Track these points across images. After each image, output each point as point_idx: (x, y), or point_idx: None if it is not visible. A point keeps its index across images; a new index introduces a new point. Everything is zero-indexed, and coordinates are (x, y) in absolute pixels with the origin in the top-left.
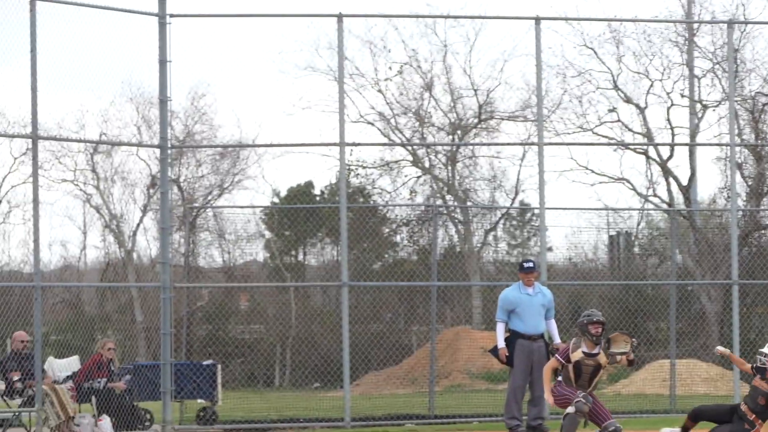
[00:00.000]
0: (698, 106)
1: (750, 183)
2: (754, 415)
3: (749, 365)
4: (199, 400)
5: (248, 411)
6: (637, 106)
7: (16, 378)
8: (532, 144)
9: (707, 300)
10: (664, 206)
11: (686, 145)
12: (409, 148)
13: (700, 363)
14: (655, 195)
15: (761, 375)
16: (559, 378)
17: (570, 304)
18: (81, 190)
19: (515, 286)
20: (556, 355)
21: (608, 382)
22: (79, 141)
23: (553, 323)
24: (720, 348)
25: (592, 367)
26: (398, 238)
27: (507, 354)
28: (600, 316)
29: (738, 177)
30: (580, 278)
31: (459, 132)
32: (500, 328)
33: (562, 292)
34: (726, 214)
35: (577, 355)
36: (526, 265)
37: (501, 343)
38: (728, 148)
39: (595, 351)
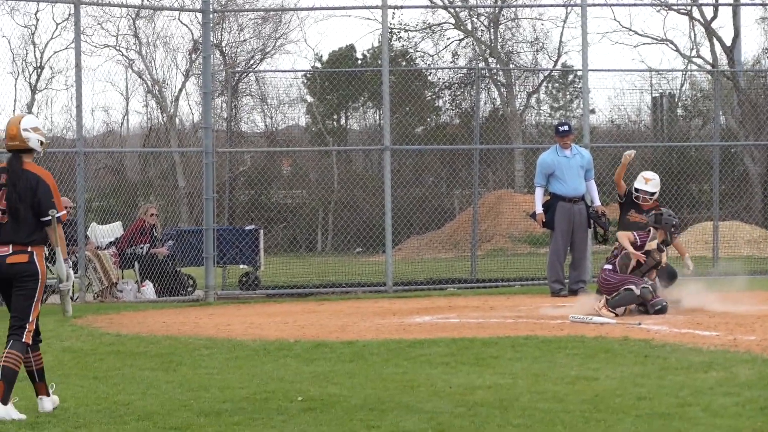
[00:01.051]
0: None
1: None
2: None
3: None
4: (241, 266)
5: (290, 276)
6: None
7: None
8: (575, 5)
9: (751, 162)
10: (708, 67)
11: (730, 5)
12: (452, 10)
13: (744, 225)
14: (698, 56)
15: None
16: (608, 267)
17: (613, 166)
18: (123, 55)
19: (553, 149)
20: (636, 235)
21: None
22: (121, 6)
23: (593, 184)
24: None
25: (654, 262)
26: (440, 101)
27: (544, 219)
28: (676, 218)
29: None
30: (623, 140)
31: None
32: (539, 192)
33: (604, 154)
34: None
35: (652, 246)
36: (561, 128)
37: (539, 209)
38: None
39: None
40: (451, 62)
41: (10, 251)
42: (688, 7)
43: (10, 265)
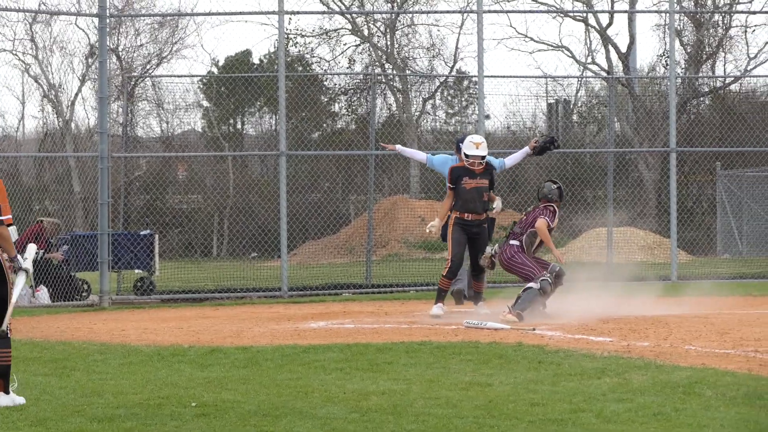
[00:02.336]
0: None
1: (689, 50)
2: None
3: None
4: (136, 271)
5: (185, 281)
6: None
7: None
8: (471, 12)
9: (645, 168)
10: (603, 74)
11: (625, 12)
12: (348, 16)
13: (637, 231)
14: (594, 62)
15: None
16: (514, 243)
17: (507, 172)
18: (20, 59)
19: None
20: (547, 219)
21: (545, 249)
22: (18, 10)
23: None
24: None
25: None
26: (337, 107)
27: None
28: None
29: (677, 44)
30: (518, 146)
31: (398, 0)
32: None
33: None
34: (664, 82)
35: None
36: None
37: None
38: (667, 14)
39: None
40: (347, 68)
41: None
42: (584, 14)
43: None
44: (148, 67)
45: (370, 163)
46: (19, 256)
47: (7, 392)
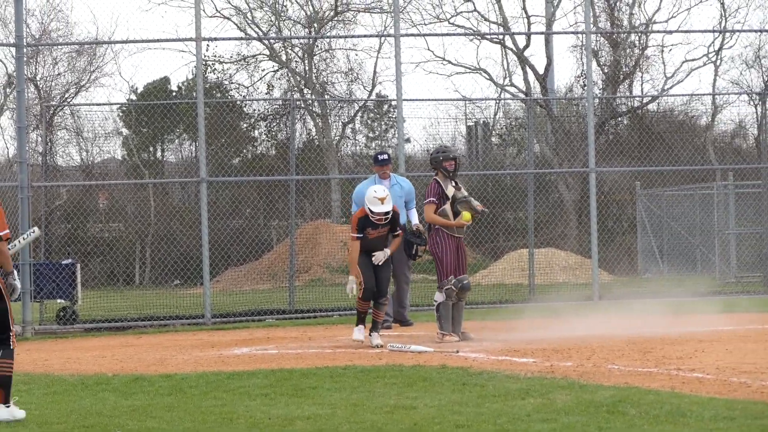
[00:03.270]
0: None
1: (606, 71)
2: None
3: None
4: (58, 300)
5: (108, 310)
6: None
7: None
8: (389, 36)
9: (565, 188)
10: (521, 95)
11: (542, 33)
12: (266, 42)
13: (559, 252)
14: (512, 84)
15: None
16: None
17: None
18: None
19: (370, 180)
20: (430, 198)
21: (468, 271)
22: None
23: (414, 213)
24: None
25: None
26: (256, 132)
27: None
28: (455, 152)
29: (594, 65)
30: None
31: (315, 25)
32: None
33: (420, 183)
34: (582, 102)
35: (450, 190)
36: (380, 157)
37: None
38: (584, 36)
39: (453, 185)
40: (266, 93)
41: None
42: (501, 36)
43: None
44: (66, 95)
45: (291, 189)
46: (15, 272)
47: (7, 404)
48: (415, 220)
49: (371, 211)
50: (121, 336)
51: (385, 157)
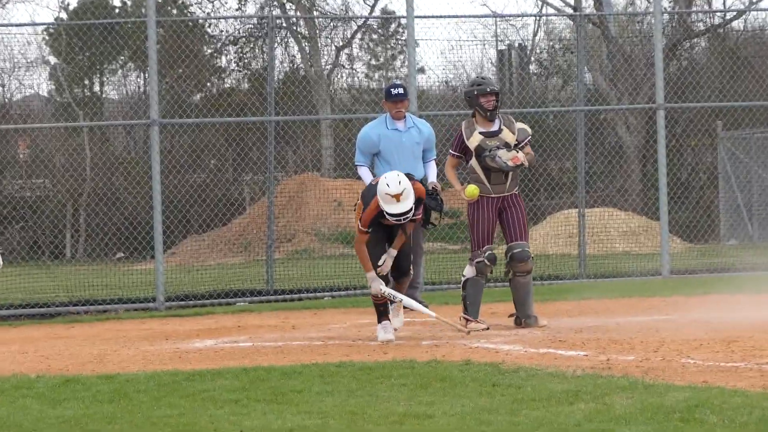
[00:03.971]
0: None
1: None
2: None
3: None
4: None
5: (30, 291)
6: None
7: None
8: None
9: (625, 131)
10: (568, 10)
11: None
12: None
13: (618, 212)
14: None
15: None
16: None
17: (447, 141)
18: None
19: (380, 121)
20: (450, 150)
21: (499, 240)
22: None
23: (432, 167)
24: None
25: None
26: (224, 60)
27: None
28: (493, 84)
29: None
30: (461, 107)
31: None
32: (364, 172)
33: (436, 125)
34: (648, 20)
35: (475, 139)
36: (394, 91)
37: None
38: None
39: (495, 128)
40: (237, 10)
41: None
42: None
43: None
44: None
45: (269, 133)
46: None
47: None
48: (432, 176)
49: (386, 213)
50: (48, 325)
51: (401, 91)
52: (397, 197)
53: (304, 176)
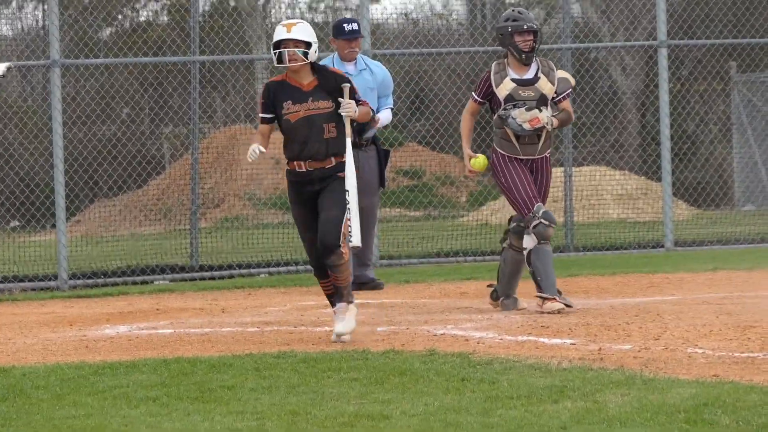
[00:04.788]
0: None
1: None
2: None
3: None
4: None
5: None
6: None
7: None
8: None
9: (620, 73)
10: None
11: None
12: None
13: (612, 171)
14: None
15: None
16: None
17: (407, 85)
18: None
19: (327, 62)
20: (473, 93)
21: (469, 206)
22: None
23: (387, 114)
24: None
25: (533, 102)
26: None
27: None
28: (532, 21)
29: None
30: (423, 45)
31: None
32: None
33: (394, 66)
34: None
35: (506, 87)
36: (347, 27)
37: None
38: None
39: (531, 75)
40: None
41: None
42: None
43: None
44: None
45: (193, 75)
46: None
47: None
48: (384, 120)
49: (274, 46)
50: None
51: (356, 26)
52: (288, 26)
53: (236, 128)
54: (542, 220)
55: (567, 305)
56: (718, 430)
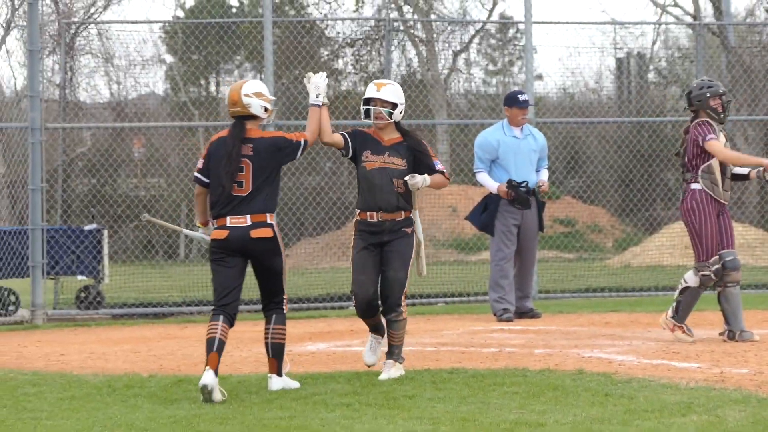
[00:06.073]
0: None
1: None
2: None
3: None
4: (79, 277)
5: (144, 291)
6: None
7: None
8: None
9: (743, 142)
10: (688, 19)
11: None
12: None
13: (734, 224)
14: (675, 5)
15: None
16: (696, 184)
17: (564, 148)
18: None
19: (497, 127)
20: (710, 135)
21: (614, 250)
22: None
23: (545, 173)
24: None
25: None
26: (341, 63)
27: (512, 194)
28: (723, 87)
29: None
30: (577, 114)
31: None
32: (483, 177)
33: (553, 132)
34: None
35: (723, 139)
36: (521, 97)
37: (494, 188)
38: None
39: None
40: (354, 11)
41: (249, 223)
42: None
43: (254, 240)
44: (92, 10)
45: None
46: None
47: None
48: (544, 178)
49: (364, 102)
50: (160, 325)
51: (527, 98)
52: (379, 86)
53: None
54: (712, 275)
55: (691, 341)
56: None
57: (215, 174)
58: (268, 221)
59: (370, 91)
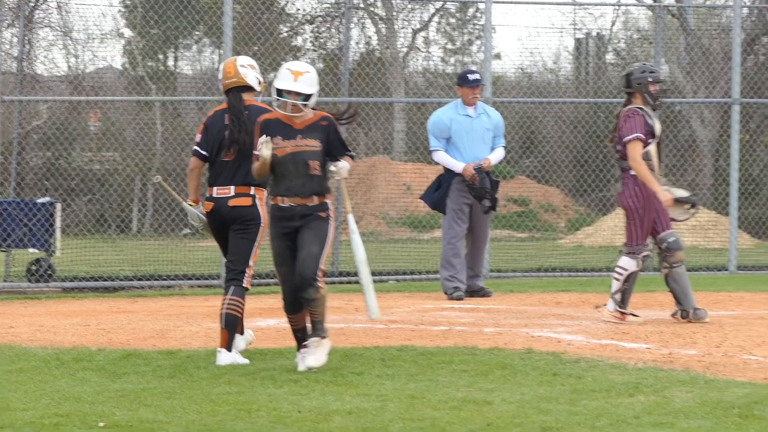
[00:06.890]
0: None
1: None
2: None
3: None
4: (30, 250)
5: (95, 264)
6: None
7: None
8: None
9: (700, 125)
10: (648, 1)
11: None
12: None
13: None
14: None
15: None
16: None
17: (520, 128)
18: None
19: (451, 106)
20: (637, 134)
21: (567, 230)
22: None
23: (499, 152)
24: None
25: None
26: (300, 40)
27: (477, 178)
28: (662, 73)
29: None
30: (535, 94)
31: None
32: (441, 156)
33: (510, 112)
34: (728, 13)
35: (658, 126)
36: (471, 77)
37: (458, 167)
38: None
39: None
40: None
41: (232, 193)
42: None
43: (232, 207)
44: None
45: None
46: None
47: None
48: (494, 160)
49: (278, 91)
50: (111, 299)
51: (478, 77)
52: (296, 74)
53: (375, 159)
54: (651, 254)
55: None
56: (765, 424)
57: (212, 146)
58: (251, 193)
59: (286, 81)
